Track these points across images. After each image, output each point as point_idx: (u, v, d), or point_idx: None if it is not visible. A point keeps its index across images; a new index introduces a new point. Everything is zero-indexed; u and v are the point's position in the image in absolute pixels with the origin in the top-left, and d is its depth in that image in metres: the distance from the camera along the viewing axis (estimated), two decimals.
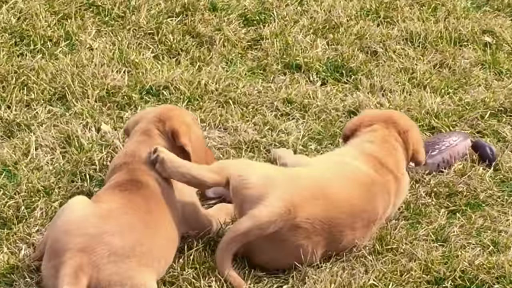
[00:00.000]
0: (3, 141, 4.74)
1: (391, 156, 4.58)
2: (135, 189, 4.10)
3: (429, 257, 4.27)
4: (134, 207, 4.00)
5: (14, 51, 5.34)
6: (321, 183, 4.40)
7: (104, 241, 3.78)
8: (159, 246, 4.01)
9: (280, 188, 4.26)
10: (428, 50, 5.73)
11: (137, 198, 4.05)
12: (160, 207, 4.11)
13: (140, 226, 3.96)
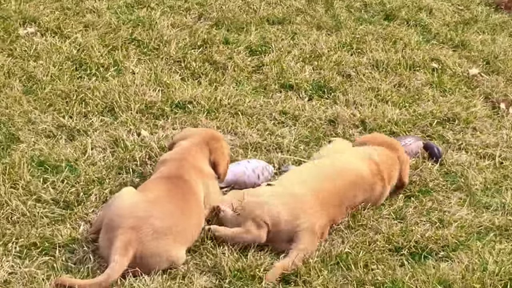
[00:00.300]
0: (66, 143, 4.75)
1: (388, 170, 4.56)
2: (177, 182, 4.14)
3: (390, 231, 4.33)
4: (174, 197, 4.06)
5: (75, 75, 5.32)
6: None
7: (149, 222, 3.82)
8: (190, 227, 4.05)
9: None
10: (389, 73, 5.72)
11: (177, 190, 4.10)
12: (193, 198, 4.15)
13: (177, 212, 4.00)
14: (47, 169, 4.51)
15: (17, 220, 4.13)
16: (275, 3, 6.40)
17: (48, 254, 3.95)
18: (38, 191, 4.32)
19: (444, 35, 6.25)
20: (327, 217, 4.23)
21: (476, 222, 4.48)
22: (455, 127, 5.30)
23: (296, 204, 4.17)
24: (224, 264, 3.96)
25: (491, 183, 4.82)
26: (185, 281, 3.86)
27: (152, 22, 5.92)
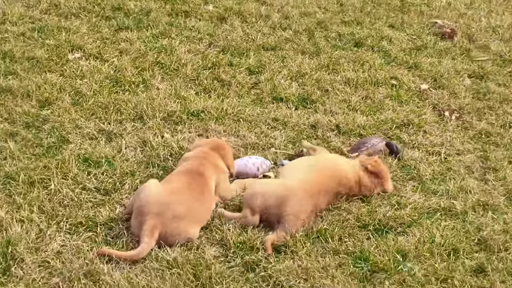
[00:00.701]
0: (105, 143, 4.73)
1: (366, 173, 4.49)
2: (194, 176, 4.14)
3: (359, 212, 4.33)
4: (191, 188, 4.07)
5: (112, 90, 5.31)
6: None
7: (170, 208, 3.86)
8: (203, 211, 4.06)
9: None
10: (358, 88, 5.70)
11: (194, 182, 4.11)
12: (206, 189, 4.15)
13: (193, 200, 4.01)
14: (90, 164, 4.50)
15: (67, 204, 4.13)
16: (269, 34, 6.39)
17: (92, 230, 3.96)
18: (84, 181, 4.33)
19: (400, 59, 6.24)
20: (312, 206, 4.21)
21: (426, 205, 4.48)
22: (409, 130, 5.28)
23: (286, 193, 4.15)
24: (229, 238, 3.97)
25: (437, 174, 4.82)
26: (198, 251, 3.87)
27: (172, 49, 5.91)
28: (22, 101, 5.00)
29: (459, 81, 5.98)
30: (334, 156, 4.64)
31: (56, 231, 3.90)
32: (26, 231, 3.86)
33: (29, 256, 3.71)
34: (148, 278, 3.64)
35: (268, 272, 3.79)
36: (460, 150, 5.11)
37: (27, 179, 4.27)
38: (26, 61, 5.48)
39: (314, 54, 6.14)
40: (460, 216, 4.41)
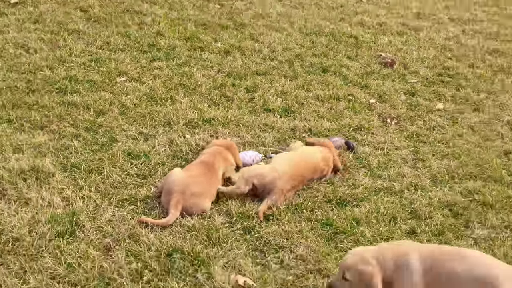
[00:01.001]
0: (143, 142, 4.72)
1: (329, 159, 4.51)
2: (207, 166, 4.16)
3: (326, 191, 4.36)
4: (205, 175, 4.08)
5: (148, 104, 5.29)
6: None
7: (190, 188, 3.88)
8: (213, 190, 4.06)
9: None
10: (325, 102, 5.70)
11: (208, 171, 4.12)
12: (215, 175, 4.15)
13: (206, 182, 4.04)
14: (132, 157, 4.50)
15: (115, 185, 4.14)
16: (261, 63, 6.40)
17: (133, 204, 3.98)
18: (127, 169, 4.34)
19: (355, 81, 6.25)
20: (291, 186, 4.22)
21: (373, 186, 4.49)
22: (361, 132, 5.28)
23: (275, 174, 4.16)
24: (232, 209, 4.00)
25: (382, 163, 4.83)
26: (210, 219, 3.90)
27: (191, 74, 5.93)
28: (83, 112, 5.01)
29: (397, 97, 5.99)
30: (310, 150, 4.59)
31: (108, 205, 3.92)
32: (86, 205, 3.89)
33: (88, 223, 3.73)
34: (174, 239, 3.67)
35: (260, 234, 3.82)
36: (398, 146, 5.12)
37: (87, 167, 4.29)
38: (86, 83, 5.50)
39: (293, 78, 6.14)
40: (397, 193, 4.43)
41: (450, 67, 6.87)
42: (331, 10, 8.42)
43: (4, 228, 3.61)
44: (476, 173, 4.79)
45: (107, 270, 3.39)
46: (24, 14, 6.76)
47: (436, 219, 4.14)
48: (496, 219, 4.22)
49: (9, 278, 3.27)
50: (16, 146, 4.44)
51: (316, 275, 3.54)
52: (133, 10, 7.29)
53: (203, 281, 3.38)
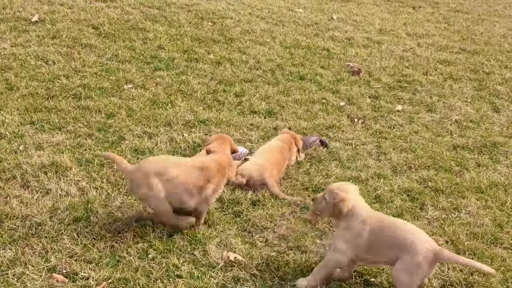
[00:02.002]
0: (147, 140, 4.69)
1: (291, 143, 4.52)
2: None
3: (303, 180, 4.37)
4: None
5: (151, 107, 5.21)
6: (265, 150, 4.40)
7: None
8: None
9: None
10: (302, 105, 5.71)
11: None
12: None
13: None
14: (138, 152, 4.48)
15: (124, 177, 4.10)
16: (247, 72, 6.39)
17: None
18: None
19: (328, 87, 6.27)
20: (277, 171, 4.23)
21: (344, 175, 4.51)
22: (333, 130, 5.31)
23: (260, 167, 4.17)
24: (224, 196, 3.97)
25: (350, 157, 4.86)
26: None
27: (188, 82, 5.90)
28: (95, 114, 4.98)
29: (363, 100, 6.02)
30: (277, 142, 4.58)
31: (117, 194, 3.90)
32: (99, 194, 3.87)
33: (101, 209, 3.71)
34: None
35: (248, 217, 3.83)
36: (364, 142, 5.15)
37: (99, 162, 4.26)
38: (98, 90, 5.45)
39: (275, 84, 6.14)
40: (364, 182, 4.46)
41: (408, 74, 6.92)
42: (307, 27, 8.43)
43: (29, 214, 3.59)
44: (430, 164, 4.84)
45: (117, 249, 3.38)
46: (43, 31, 6.69)
47: (396, 203, 4.18)
48: (446, 202, 4.27)
49: (33, 257, 3.25)
50: (38, 145, 4.41)
51: (296, 251, 3.56)
52: (138, 27, 7.25)
53: (200, 257, 3.39)
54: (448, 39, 8.80)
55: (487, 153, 5.18)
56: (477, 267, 3.14)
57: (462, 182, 4.55)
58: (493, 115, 6.07)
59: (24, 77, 5.52)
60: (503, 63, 7.82)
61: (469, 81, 6.98)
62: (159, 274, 3.21)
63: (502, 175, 4.78)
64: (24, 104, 4.99)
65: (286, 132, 4.69)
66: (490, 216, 4.14)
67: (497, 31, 9.67)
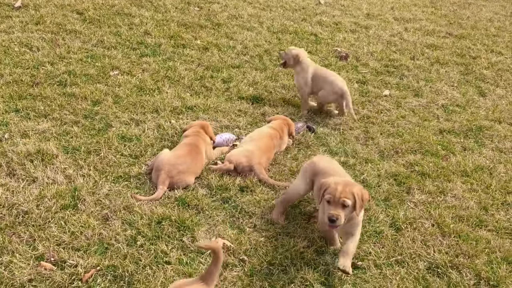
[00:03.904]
0: (135, 127, 4.64)
1: (283, 130, 4.54)
2: (193, 147, 4.10)
3: (291, 165, 4.37)
4: (190, 154, 4.03)
5: (138, 94, 5.13)
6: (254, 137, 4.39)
7: (176, 167, 3.85)
8: (197, 168, 4.04)
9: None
10: (289, 90, 5.60)
11: (192, 150, 4.06)
12: (200, 154, 4.11)
13: (191, 161, 4.00)
14: (126, 140, 4.45)
15: (111, 164, 4.10)
16: (235, 58, 6.37)
17: (127, 180, 3.96)
18: (121, 150, 4.29)
19: None
20: (266, 158, 4.24)
21: None
22: (321, 115, 5.32)
23: (249, 154, 4.17)
24: (212, 183, 3.99)
25: (338, 142, 4.87)
26: (193, 192, 3.89)
27: (175, 68, 5.86)
28: (81, 101, 4.93)
29: (351, 85, 6.01)
30: (262, 127, 4.60)
31: (105, 182, 3.88)
32: (86, 182, 3.85)
33: (88, 197, 3.70)
34: (163, 209, 3.67)
35: (236, 203, 3.85)
36: (351, 127, 5.17)
37: (86, 149, 4.23)
38: (84, 76, 5.39)
39: (263, 70, 6.12)
40: (352, 166, 4.48)
41: (395, 59, 6.93)
42: (294, 12, 8.39)
43: (15, 203, 3.56)
44: (416, 148, 4.88)
45: (105, 236, 3.38)
46: (26, 16, 6.58)
47: (383, 187, 4.21)
48: (432, 186, 4.32)
49: (21, 245, 3.23)
50: (23, 132, 4.36)
51: (284, 236, 3.58)
52: (123, 12, 7.15)
53: (189, 243, 3.40)
54: (435, 23, 8.81)
55: (472, 137, 5.23)
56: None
57: (448, 166, 4.60)
58: (479, 99, 6.11)
59: (8, 64, 5.43)
60: (489, 47, 7.86)
61: (456, 66, 7.01)
62: (147, 261, 3.22)
63: (487, 158, 4.84)
64: (9, 92, 4.93)
65: (279, 118, 4.69)
66: (475, 199, 4.19)
67: (484, 15, 9.70)
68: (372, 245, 3.55)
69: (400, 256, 3.48)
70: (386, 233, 3.67)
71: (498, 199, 4.21)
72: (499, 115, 5.71)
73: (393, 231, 3.71)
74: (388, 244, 3.58)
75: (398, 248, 3.55)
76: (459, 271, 3.42)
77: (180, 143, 4.21)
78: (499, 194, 4.28)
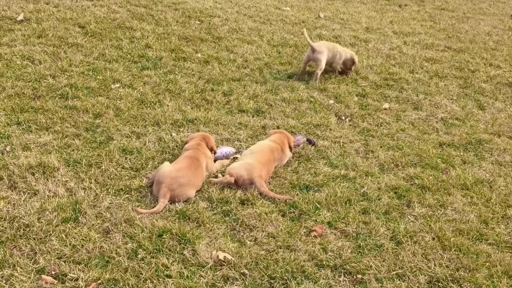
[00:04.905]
0: (135, 140, 4.68)
1: (284, 144, 4.54)
2: (193, 160, 4.10)
3: (291, 178, 4.36)
4: (191, 167, 4.03)
5: (139, 106, 5.16)
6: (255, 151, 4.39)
7: (177, 180, 3.85)
8: (197, 181, 4.04)
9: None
10: (290, 104, 5.74)
11: (193, 163, 4.07)
12: (200, 168, 4.12)
13: (191, 174, 3.99)
14: (127, 152, 4.46)
15: (112, 177, 4.11)
16: (235, 71, 6.42)
17: (128, 193, 3.95)
18: (122, 163, 4.31)
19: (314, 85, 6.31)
20: (266, 171, 4.24)
21: (332, 173, 4.53)
22: (321, 128, 5.33)
23: (249, 167, 4.18)
24: (213, 196, 3.98)
25: (338, 155, 4.88)
26: (194, 205, 3.88)
27: (176, 81, 5.91)
28: (83, 114, 4.96)
29: (351, 98, 6.06)
30: (263, 141, 4.61)
31: (106, 195, 3.89)
32: (87, 195, 3.85)
33: (89, 210, 3.70)
34: (164, 222, 3.66)
35: (237, 216, 3.83)
36: (352, 140, 5.18)
37: (87, 162, 4.25)
38: (85, 89, 5.44)
39: (263, 83, 6.17)
40: (352, 180, 4.47)
41: (394, 73, 6.97)
42: (294, 25, 8.46)
43: (16, 216, 3.56)
44: (416, 162, 4.89)
45: (106, 250, 3.37)
46: (29, 30, 6.63)
47: (383, 200, 4.21)
48: (432, 199, 4.32)
49: (22, 259, 3.23)
50: (25, 145, 4.38)
51: (285, 250, 3.57)
52: (125, 26, 7.22)
53: (189, 257, 3.39)
54: (434, 37, 8.88)
55: (472, 150, 5.24)
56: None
57: (448, 179, 4.60)
58: (478, 113, 6.14)
59: (10, 77, 5.47)
60: (487, 60, 7.92)
61: (455, 79, 7.06)
62: (148, 274, 3.21)
63: (487, 171, 4.85)
64: (11, 104, 4.95)
65: (278, 132, 4.71)
66: (475, 212, 4.19)
67: (482, 29, 9.79)
68: (373, 258, 3.54)
69: (401, 270, 3.47)
70: (386, 246, 3.66)
71: (498, 212, 4.21)
72: (499, 129, 5.74)
73: (394, 245, 3.71)
74: (389, 258, 3.57)
75: (399, 261, 3.54)
76: (459, 285, 3.41)
77: (181, 156, 4.21)
78: (499, 207, 4.28)
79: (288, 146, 4.59)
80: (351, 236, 3.74)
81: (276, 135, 4.63)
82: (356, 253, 3.58)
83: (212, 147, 4.36)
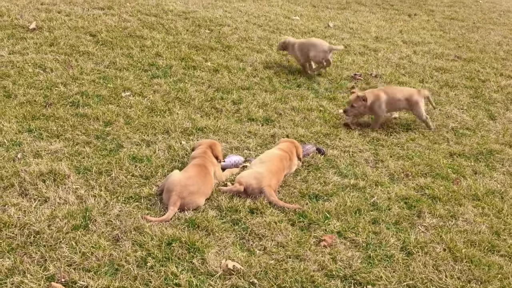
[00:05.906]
0: (146, 148, 4.70)
1: (292, 152, 4.52)
2: (202, 168, 4.10)
3: (301, 187, 4.34)
4: (200, 175, 4.03)
5: (149, 115, 5.18)
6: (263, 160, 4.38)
7: (187, 188, 3.85)
8: (207, 189, 4.03)
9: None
10: (299, 113, 5.74)
11: (202, 171, 4.06)
12: (209, 175, 4.11)
13: (201, 182, 3.99)
14: (137, 160, 4.48)
15: (122, 185, 4.12)
16: (245, 80, 6.44)
17: (138, 201, 3.96)
18: (132, 170, 4.32)
19: (324, 94, 6.31)
20: (276, 180, 4.23)
21: (341, 183, 4.52)
22: (331, 137, 5.33)
23: (259, 176, 4.17)
24: (222, 204, 3.98)
25: (348, 164, 4.87)
26: (203, 213, 3.88)
27: (186, 89, 5.93)
28: (93, 122, 4.99)
29: None
30: (278, 151, 4.59)
31: (116, 202, 3.90)
32: (97, 202, 3.87)
33: (99, 217, 3.71)
34: (173, 230, 3.66)
35: (246, 225, 3.83)
36: (361, 149, 5.17)
37: (97, 170, 4.27)
38: (96, 97, 5.47)
39: (273, 92, 6.17)
40: (361, 189, 4.46)
41: (404, 82, 6.96)
42: (304, 35, 8.48)
43: (27, 222, 3.58)
44: (426, 171, 4.86)
45: (116, 257, 3.38)
46: (41, 38, 6.71)
47: (393, 210, 4.19)
48: (443, 210, 4.29)
49: (32, 266, 3.24)
50: (36, 152, 4.41)
51: (294, 259, 3.56)
52: (135, 34, 7.28)
53: (198, 265, 3.39)
54: (444, 46, 8.86)
55: (483, 160, 5.21)
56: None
57: (459, 190, 4.57)
58: (489, 123, 6.10)
59: (22, 85, 5.53)
60: (498, 70, 7.88)
61: (465, 89, 7.03)
62: (157, 283, 3.21)
63: (499, 182, 4.81)
64: (22, 112, 5.00)
65: (287, 141, 4.71)
66: (487, 223, 4.15)
67: (492, 38, 9.76)
68: (383, 269, 3.52)
69: (411, 281, 3.44)
70: (397, 257, 3.64)
71: (510, 223, 4.18)
72: (510, 139, 5.70)
73: (404, 255, 3.68)
74: (399, 269, 3.54)
75: (410, 272, 3.52)
76: None
77: (189, 164, 4.22)
78: (511, 218, 4.24)
79: (296, 155, 4.57)
80: (361, 246, 3.72)
81: (284, 143, 4.62)
82: (366, 263, 3.55)
83: (217, 155, 4.35)
